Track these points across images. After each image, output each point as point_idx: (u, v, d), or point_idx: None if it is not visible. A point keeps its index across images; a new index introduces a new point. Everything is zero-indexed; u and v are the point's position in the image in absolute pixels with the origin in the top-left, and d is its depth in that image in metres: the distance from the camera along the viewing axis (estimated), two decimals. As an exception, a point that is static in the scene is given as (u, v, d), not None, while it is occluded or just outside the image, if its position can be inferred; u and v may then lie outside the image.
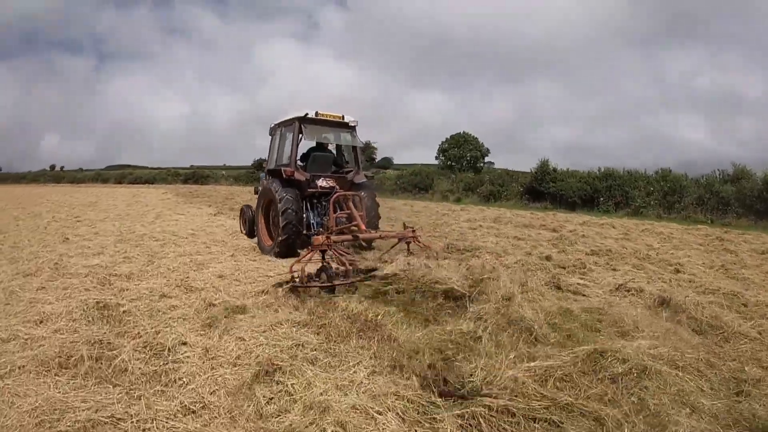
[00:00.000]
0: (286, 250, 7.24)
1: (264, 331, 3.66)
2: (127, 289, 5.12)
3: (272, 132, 8.86)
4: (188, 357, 3.28)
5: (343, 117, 8.24)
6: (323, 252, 5.39)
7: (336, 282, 4.90)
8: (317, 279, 5.02)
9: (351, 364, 3.14)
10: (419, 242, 6.59)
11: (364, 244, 7.05)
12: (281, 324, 3.83)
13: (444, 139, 48.15)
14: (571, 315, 4.30)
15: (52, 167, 78.31)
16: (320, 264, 5.26)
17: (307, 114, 7.82)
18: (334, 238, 5.66)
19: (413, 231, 6.57)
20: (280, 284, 5.03)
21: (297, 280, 4.85)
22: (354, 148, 8.67)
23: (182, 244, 8.55)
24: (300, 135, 7.88)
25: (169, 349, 3.40)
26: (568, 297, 5.21)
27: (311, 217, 7.80)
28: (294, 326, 3.82)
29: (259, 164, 44.70)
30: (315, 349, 3.39)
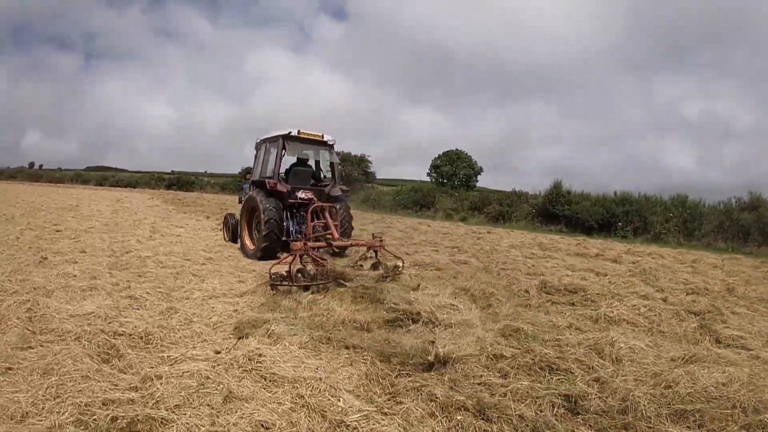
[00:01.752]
0: (267, 253, 7.69)
1: None
2: (156, 377, 2.92)
3: (258, 147, 9.37)
4: None
5: (322, 136, 8.74)
6: (300, 256, 5.77)
7: (311, 281, 5.43)
8: (295, 278, 5.45)
9: None
10: (386, 250, 6.95)
11: (336, 250, 7.39)
12: None
13: (436, 155, 46.75)
14: None
15: (31, 165, 72.60)
16: (298, 266, 5.71)
17: (290, 132, 8.31)
18: (310, 244, 6.12)
19: (380, 240, 6.93)
20: (266, 284, 5.45)
21: (285, 279, 5.40)
22: (331, 164, 9.19)
23: (203, 275, 6.32)
24: (283, 151, 8.39)
25: None
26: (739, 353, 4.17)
27: (291, 225, 8.17)
28: None
29: (246, 172, 42.48)
30: None
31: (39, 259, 6.79)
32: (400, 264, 6.50)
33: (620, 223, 22.45)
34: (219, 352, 3.47)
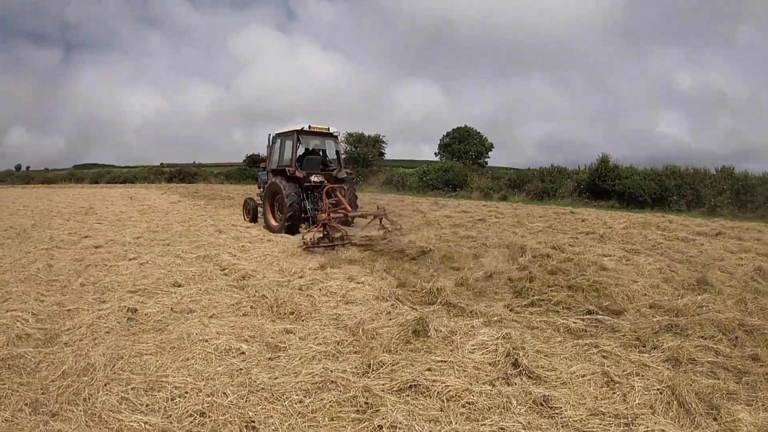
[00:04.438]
0: (290, 229, 8.68)
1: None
2: None
3: (273, 140, 10.30)
4: None
5: (329, 128, 9.80)
6: (324, 225, 7.21)
7: (334, 243, 7.00)
8: (322, 241, 7.01)
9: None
10: (388, 218, 8.20)
11: (350, 220, 8.71)
12: None
13: (445, 134, 43.93)
14: None
15: (18, 167, 66.87)
16: (323, 232, 7.22)
17: (303, 127, 9.36)
18: (332, 215, 7.63)
19: (384, 210, 8.40)
20: (301, 247, 6.85)
21: (309, 242, 6.93)
22: (336, 151, 10.35)
23: (404, 312, 3.60)
24: (298, 143, 9.43)
25: None
26: None
27: (307, 204, 9.03)
28: None
29: (252, 160, 39.18)
30: None
31: (121, 311, 3.97)
32: (398, 228, 7.75)
33: (674, 197, 21.38)
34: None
